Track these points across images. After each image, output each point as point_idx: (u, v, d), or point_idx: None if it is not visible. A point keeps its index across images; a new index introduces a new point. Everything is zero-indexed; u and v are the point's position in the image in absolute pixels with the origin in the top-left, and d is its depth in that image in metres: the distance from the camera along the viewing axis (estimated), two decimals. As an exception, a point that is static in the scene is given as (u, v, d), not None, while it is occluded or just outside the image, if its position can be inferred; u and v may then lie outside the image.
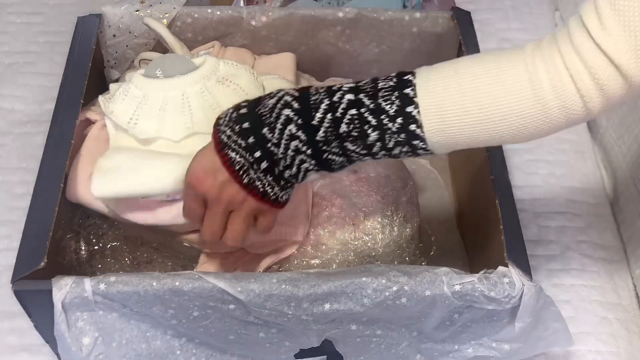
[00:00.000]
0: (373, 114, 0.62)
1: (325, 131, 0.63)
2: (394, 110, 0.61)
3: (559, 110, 0.59)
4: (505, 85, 0.59)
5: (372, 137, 0.62)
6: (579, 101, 0.58)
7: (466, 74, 0.61)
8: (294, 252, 0.80)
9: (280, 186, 0.66)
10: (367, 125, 0.62)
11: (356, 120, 0.62)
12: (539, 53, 0.59)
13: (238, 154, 0.64)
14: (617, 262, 0.98)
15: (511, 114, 0.59)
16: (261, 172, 0.64)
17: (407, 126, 0.61)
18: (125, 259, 0.84)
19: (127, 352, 0.72)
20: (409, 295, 0.68)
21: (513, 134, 0.61)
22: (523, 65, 0.59)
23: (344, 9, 0.94)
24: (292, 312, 0.68)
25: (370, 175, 0.83)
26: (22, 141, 1.07)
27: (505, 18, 1.29)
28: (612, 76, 0.56)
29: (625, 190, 1.01)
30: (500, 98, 0.59)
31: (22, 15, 1.25)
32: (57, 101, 0.82)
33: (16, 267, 0.68)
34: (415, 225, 0.85)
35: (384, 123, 0.62)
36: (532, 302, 0.69)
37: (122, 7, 0.93)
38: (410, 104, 0.61)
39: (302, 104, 0.63)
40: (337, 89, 0.63)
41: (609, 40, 0.55)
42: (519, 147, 1.09)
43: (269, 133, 0.63)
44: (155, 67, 0.81)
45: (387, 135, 0.62)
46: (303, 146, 0.63)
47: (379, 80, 0.63)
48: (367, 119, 0.62)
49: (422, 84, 0.61)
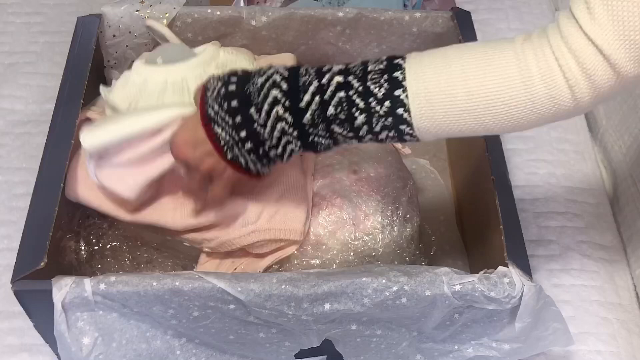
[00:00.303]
0: (361, 97, 0.62)
1: (312, 114, 0.63)
2: (382, 93, 0.61)
3: (547, 100, 0.58)
4: (494, 72, 0.59)
5: (359, 120, 0.62)
6: (567, 91, 0.58)
7: (456, 60, 0.61)
8: (294, 252, 0.80)
9: (262, 164, 0.67)
10: (354, 108, 0.62)
11: (344, 103, 0.62)
12: (528, 43, 0.59)
13: (224, 131, 0.65)
14: (617, 262, 0.98)
15: (499, 101, 0.59)
16: (246, 151, 0.65)
17: (394, 110, 0.61)
18: (125, 259, 0.84)
19: (127, 352, 0.72)
20: (409, 295, 0.68)
21: (501, 123, 0.61)
22: (513, 54, 0.59)
23: (344, 9, 0.94)
24: (292, 312, 0.68)
25: (370, 175, 0.83)
26: (22, 141, 1.07)
27: (505, 18, 1.29)
28: (600, 65, 0.56)
29: (625, 190, 1.01)
30: (489, 85, 0.59)
31: (22, 15, 1.25)
32: (57, 101, 0.82)
33: (16, 267, 0.68)
34: (415, 225, 0.85)
35: (371, 106, 0.62)
36: (532, 302, 0.69)
37: (122, 7, 0.93)
38: (399, 87, 0.61)
39: (291, 85, 0.63)
40: (326, 70, 0.64)
41: (596, 30, 0.55)
42: (519, 147, 1.09)
43: (255, 114, 0.64)
44: (156, 55, 0.83)
45: (375, 118, 0.62)
46: (289, 128, 0.64)
47: (369, 63, 0.63)
48: (355, 101, 0.62)
49: (411, 68, 0.62)
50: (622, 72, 0.56)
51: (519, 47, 0.59)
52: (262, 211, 0.78)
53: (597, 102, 0.59)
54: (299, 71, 0.64)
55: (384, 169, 0.85)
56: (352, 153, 0.85)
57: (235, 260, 0.81)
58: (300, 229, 0.78)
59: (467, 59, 0.61)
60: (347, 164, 0.83)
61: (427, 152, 1.06)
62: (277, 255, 0.80)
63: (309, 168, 0.82)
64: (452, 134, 0.63)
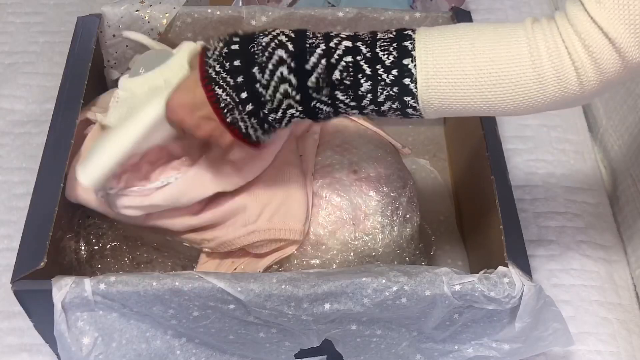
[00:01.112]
0: (368, 63, 0.61)
1: (317, 77, 0.61)
2: (390, 61, 0.61)
3: (554, 81, 0.58)
4: (504, 50, 0.59)
5: (364, 87, 0.61)
6: (574, 73, 0.58)
7: (466, 36, 0.61)
8: (294, 252, 0.80)
9: (263, 130, 0.65)
10: (361, 74, 0.61)
11: (351, 68, 0.61)
12: (537, 25, 0.59)
13: (225, 92, 0.62)
14: (617, 262, 0.98)
15: (508, 80, 0.59)
16: (246, 114, 0.63)
17: (401, 79, 0.61)
18: (125, 259, 0.84)
19: (127, 352, 0.72)
20: (409, 295, 0.68)
21: (506, 103, 0.60)
22: (523, 33, 0.59)
23: (344, 9, 0.94)
24: (292, 312, 0.68)
25: (370, 175, 0.83)
26: (22, 141, 1.07)
27: (505, 18, 1.29)
28: (606, 49, 0.56)
29: (625, 190, 1.01)
30: (499, 62, 0.59)
31: (22, 15, 1.25)
32: (57, 101, 0.82)
33: (16, 267, 0.68)
34: (415, 225, 0.85)
35: (378, 73, 0.61)
36: (532, 302, 0.69)
37: (122, 7, 0.93)
38: (408, 56, 0.60)
39: (297, 46, 0.62)
40: (334, 35, 0.63)
41: (602, 13, 0.55)
42: (519, 147, 1.09)
43: (259, 73, 0.62)
44: (138, 66, 0.81)
45: (380, 86, 0.61)
46: (292, 91, 0.62)
47: (378, 32, 0.63)
48: (362, 67, 0.61)
49: (421, 39, 0.61)
50: (627, 57, 0.56)
51: (529, 27, 0.59)
52: (262, 211, 0.78)
53: (604, 89, 0.59)
54: (305, 33, 0.63)
55: (384, 169, 0.85)
56: (352, 153, 0.85)
57: (235, 260, 0.81)
58: (300, 229, 0.78)
59: (477, 35, 0.60)
60: (347, 164, 0.83)
61: (427, 152, 1.06)
62: (276, 255, 0.80)
63: (309, 168, 0.82)
64: (456, 111, 0.62)
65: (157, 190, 0.75)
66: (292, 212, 0.79)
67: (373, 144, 0.87)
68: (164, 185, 0.75)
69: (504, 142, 0.84)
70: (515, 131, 1.11)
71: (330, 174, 0.82)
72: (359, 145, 0.86)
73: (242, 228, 0.78)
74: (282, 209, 0.78)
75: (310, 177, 0.82)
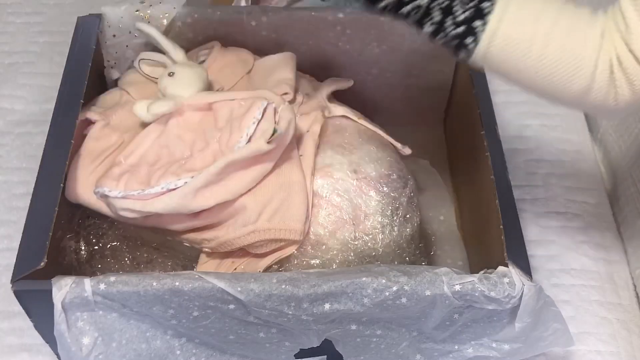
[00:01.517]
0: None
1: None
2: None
3: (597, 94, 0.61)
4: (579, 39, 0.61)
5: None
6: (614, 91, 0.61)
7: (550, 12, 0.62)
8: (294, 252, 0.80)
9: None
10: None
11: None
12: (608, 34, 0.61)
13: None
14: (617, 262, 0.98)
15: (564, 75, 0.61)
16: None
17: (480, 3, 0.62)
18: (125, 259, 0.84)
19: (127, 352, 0.72)
20: (409, 295, 0.68)
21: (550, 84, 0.62)
22: (600, 32, 0.61)
23: (344, 9, 0.94)
24: (292, 312, 0.68)
25: (371, 175, 0.83)
26: (22, 141, 1.07)
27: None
28: (637, 71, 0.59)
29: (625, 190, 1.01)
30: (568, 46, 0.61)
31: (22, 15, 1.25)
32: (57, 101, 0.82)
33: (16, 267, 0.68)
34: (415, 225, 0.85)
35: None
36: (532, 302, 0.69)
37: (122, 7, 0.93)
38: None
39: None
40: None
41: (631, 39, 0.58)
42: (519, 147, 1.09)
43: None
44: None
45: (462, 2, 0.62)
46: None
47: None
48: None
49: None
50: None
51: (599, 33, 0.61)
52: (262, 211, 0.78)
53: (635, 105, 0.62)
54: None
55: (384, 169, 0.85)
56: (352, 153, 0.84)
57: (235, 260, 0.81)
58: (300, 229, 0.78)
59: (558, 19, 0.61)
60: (347, 164, 0.83)
61: (427, 152, 1.06)
62: (277, 255, 0.80)
63: (309, 168, 0.82)
64: (504, 71, 0.64)
65: (157, 197, 0.75)
66: (292, 212, 0.78)
67: (373, 144, 0.87)
68: (164, 191, 0.75)
69: (504, 142, 0.83)
70: (516, 131, 1.11)
71: (330, 174, 0.82)
72: (359, 145, 0.86)
73: (242, 228, 0.78)
74: (282, 209, 0.78)
75: (310, 177, 0.82)
